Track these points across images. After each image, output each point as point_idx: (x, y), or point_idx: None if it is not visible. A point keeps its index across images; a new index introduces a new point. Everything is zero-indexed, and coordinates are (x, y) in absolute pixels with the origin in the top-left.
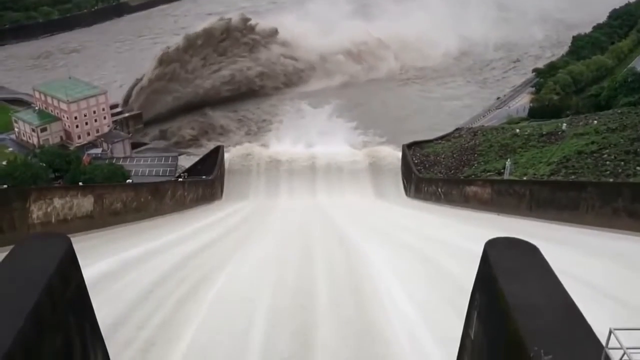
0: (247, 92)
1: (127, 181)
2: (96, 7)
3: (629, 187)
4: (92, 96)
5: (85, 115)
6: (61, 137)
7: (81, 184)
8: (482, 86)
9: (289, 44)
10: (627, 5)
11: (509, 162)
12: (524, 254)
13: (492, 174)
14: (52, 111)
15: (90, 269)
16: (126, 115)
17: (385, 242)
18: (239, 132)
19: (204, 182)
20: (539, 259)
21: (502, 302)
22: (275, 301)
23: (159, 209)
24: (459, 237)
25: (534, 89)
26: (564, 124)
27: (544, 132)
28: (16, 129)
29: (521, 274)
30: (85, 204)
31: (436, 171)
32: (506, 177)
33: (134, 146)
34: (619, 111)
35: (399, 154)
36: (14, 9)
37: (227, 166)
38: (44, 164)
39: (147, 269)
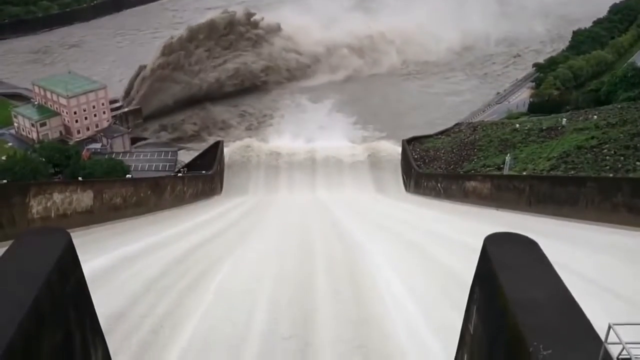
0: (248, 86)
1: (127, 176)
2: (95, 2)
3: (629, 182)
4: (92, 91)
5: (84, 110)
6: (61, 132)
7: (81, 179)
8: (482, 81)
9: (290, 38)
10: None
11: (508, 157)
12: (524, 249)
13: (491, 169)
14: (51, 106)
15: (90, 263)
16: (126, 110)
17: (384, 236)
18: (240, 127)
19: (204, 177)
20: (538, 254)
21: (502, 297)
22: (275, 294)
23: (159, 204)
24: (458, 231)
25: (534, 84)
26: (564, 119)
27: (544, 127)
28: (15, 124)
29: (520, 269)
30: (84, 199)
31: (436, 166)
32: (506, 172)
33: (134, 141)
34: (619, 106)
35: (399, 149)
36: (14, 3)
37: (226, 161)
38: (44, 159)
39: (148, 263)
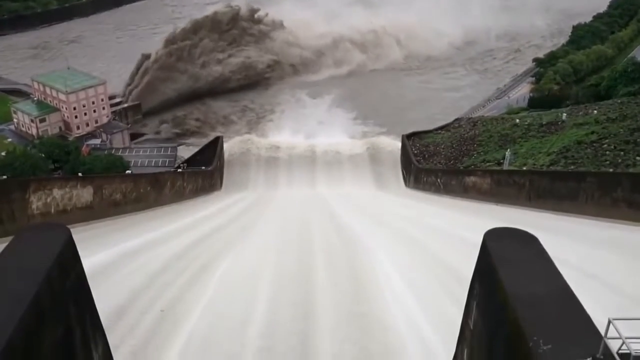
0: (249, 82)
1: (127, 172)
2: None
3: (629, 177)
4: (91, 87)
5: (84, 105)
6: (60, 128)
7: (80, 174)
8: (483, 76)
9: (292, 33)
10: None
11: (508, 153)
12: (523, 244)
13: (491, 164)
14: (51, 102)
15: (90, 259)
16: (125, 105)
17: (384, 231)
18: (240, 122)
19: (204, 172)
20: (538, 248)
21: (502, 292)
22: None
23: (159, 199)
24: (458, 227)
25: (534, 79)
26: (564, 114)
27: (544, 122)
28: (15, 120)
29: (520, 264)
30: (84, 194)
31: (435, 161)
32: (506, 167)
33: (133, 137)
34: (619, 101)
35: (399, 144)
36: None
37: (226, 157)
38: (43, 155)
39: (148, 259)
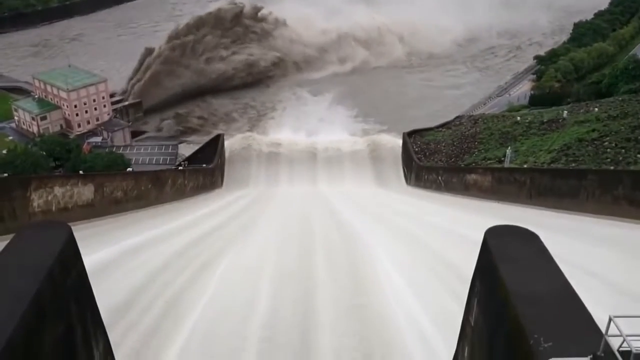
0: (253, 79)
1: (128, 170)
2: None
3: (630, 174)
4: (92, 84)
5: (85, 103)
6: (61, 126)
7: (81, 172)
8: (484, 74)
9: (295, 31)
10: None
11: (509, 150)
12: (524, 242)
13: (492, 162)
14: (51, 99)
15: (91, 257)
16: (126, 103)
17: (385, 229)
18: (241, 120)
19: (205, 170)
20: (539, 246)
21: (502, 290)
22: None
23: (160, 197)
24: (459, 224)
25: (535, 77)
26: (565, 112)
27: (545, 120)
28: (16, 118)
29: (521, 262)
30: (85, 192)
31: (437, 159)
32: (507, 165)
33: (134, 134)
34: (620, 98)
35: (400, 142)
36: None
37: (227, 154)
38: (44, 153)
39: (149, 257)
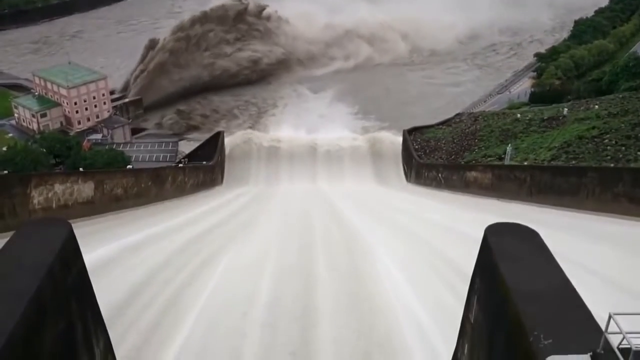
0: (254, 77)
1: (128, 167)
2: None
3: (630, 172)
4: (92, 81)
5: (85, 100)
6: (61, 123)
7: (82, 169)
8: (485, 71)
9: (297, 28)
10: None
11: (509, 147)
12: (524, 239)
13: (492, 159)
14: (52, 97)
15: (91, 254)
16: (126, 100)
17: (385, 226)
18: (242, 117)
19: (205, 167)
20: (539, 244)
21: (503, 287)
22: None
23: (160, 194)
24: (459, 222)
25: (535, 74)
26: (565, 109)
27: (545, 117)
28: (16, 115)
29: (521, 259)
30: (85, 189)
31: (437, 156)
32: (507, 162)
33: (134, 132)
34: (621, 96)
35: (400, 139)
36: None
37: (227, 152)
38: (44, 150)
39: (149, 254)
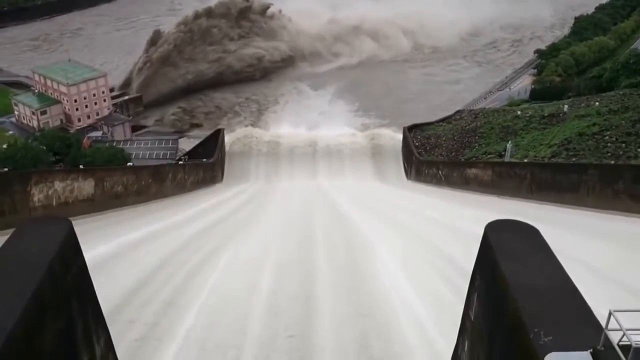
0: (258, 74)
1: (128, 164)
2: None
3: (630, 169)
4: (92, 79)
5: (85, 98)
6: (61, 120)
7: (82, 167)
8: (485, 68)
9: (299, 25)
10: None
11: (510, 145)
12: (525, 236)
13: (493, 156)
14: (51, 94)
15: (92, 252)
16: (126, 98)
17: (385, 223)
18: (242, 114)
19: (205, 165)
20: (539, 241)
21: (503, 284)
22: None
23: (160, 192)
24: (459, 219)
25: (535, 71)
26: (566, 106)
27: (546, 114)
28: (16, 112)
29: (521, 256)
30: (86, 187)
31: (437, 153)
32: (507, 159)
33: (134, 129)
34: (621, 93)
35: (400, 136)
36: None
37: (227, 149)
38: (45, 147)
39: (150, 251)
